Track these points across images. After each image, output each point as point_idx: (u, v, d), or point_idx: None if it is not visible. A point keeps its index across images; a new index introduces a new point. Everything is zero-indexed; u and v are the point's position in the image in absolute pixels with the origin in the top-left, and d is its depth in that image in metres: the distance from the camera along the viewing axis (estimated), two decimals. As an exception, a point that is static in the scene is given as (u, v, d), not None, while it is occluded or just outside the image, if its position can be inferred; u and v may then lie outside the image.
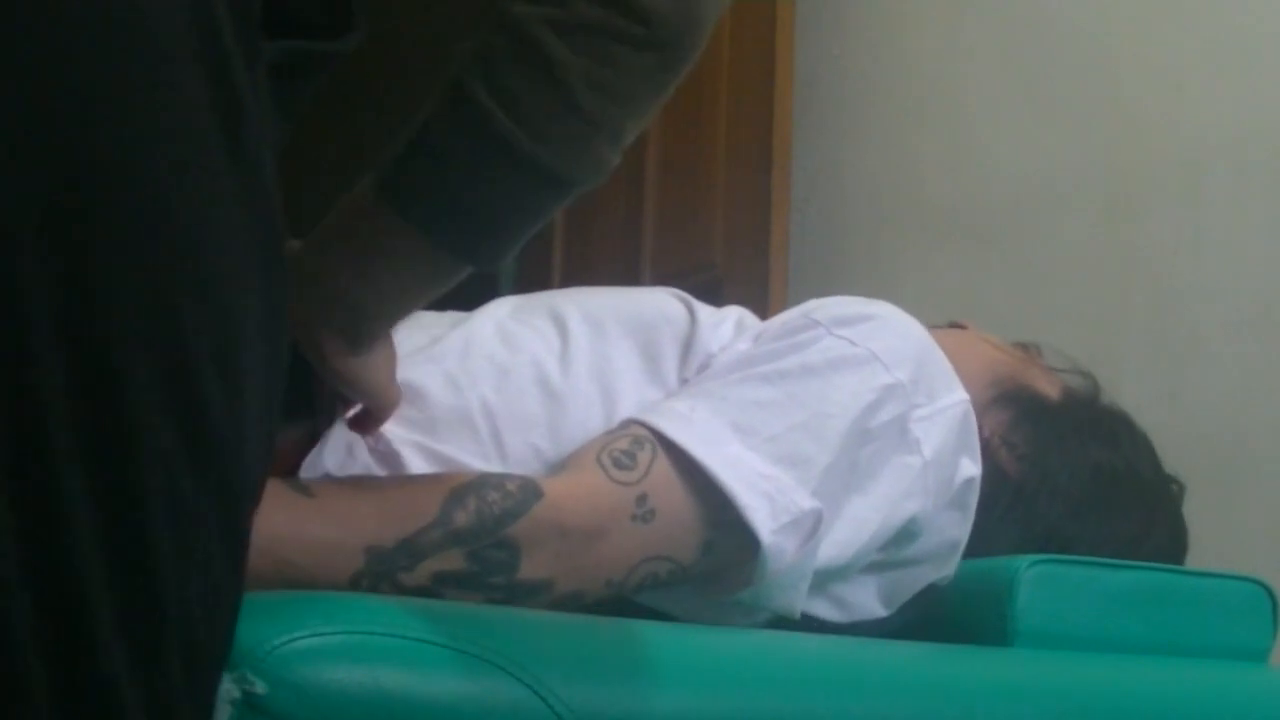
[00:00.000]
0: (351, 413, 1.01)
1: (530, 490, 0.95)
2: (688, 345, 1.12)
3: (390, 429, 1.02)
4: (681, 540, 0.99)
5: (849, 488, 1.05)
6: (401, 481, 0.97)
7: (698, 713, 0.91)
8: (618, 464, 0.98)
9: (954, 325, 1.35)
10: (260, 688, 0.75)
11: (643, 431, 1.00)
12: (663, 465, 0.98)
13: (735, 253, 2.40)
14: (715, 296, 2.39)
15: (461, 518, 0.92)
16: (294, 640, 0.78)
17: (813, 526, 1.00)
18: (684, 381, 1.11)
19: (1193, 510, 1.31)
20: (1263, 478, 1.73)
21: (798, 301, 2.29)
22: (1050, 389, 1.29)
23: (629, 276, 2.62)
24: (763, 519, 0.97)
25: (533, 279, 2.92)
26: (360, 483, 0.96)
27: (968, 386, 1.14)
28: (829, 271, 2.37)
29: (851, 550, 1.06)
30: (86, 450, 0.61)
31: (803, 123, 2.42)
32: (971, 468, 1.12)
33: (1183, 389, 1.81)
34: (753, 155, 2.40)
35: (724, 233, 2.43)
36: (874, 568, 1.10)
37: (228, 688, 0.75)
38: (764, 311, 2.36)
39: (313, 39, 0.74)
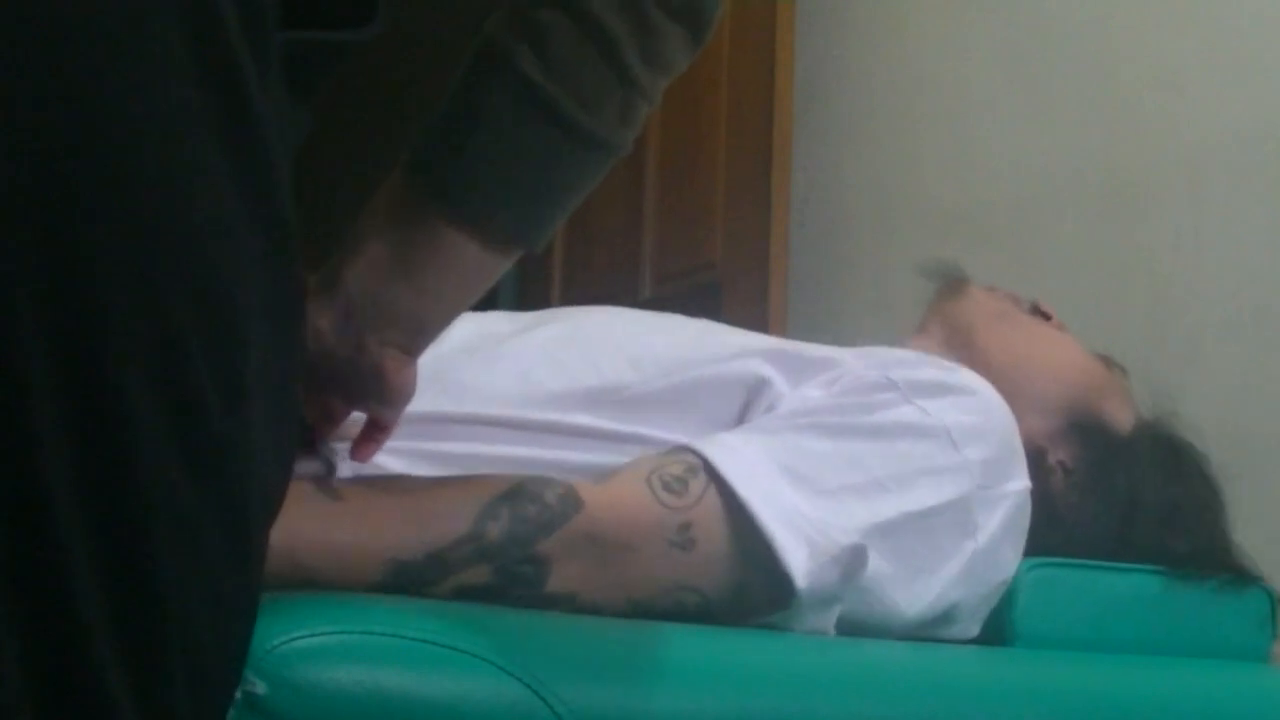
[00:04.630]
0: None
1: (570, 502, 0.93)
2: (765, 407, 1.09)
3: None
4: (716, 576, 0.98)
5: (902, 558, 1.02)
6: (434, 487, 0.93)
7: (698, 713, 0.91)
8: (667, 487, 0.97)
9: (1037, 311, 1.33)
10: (260, 688, 0.75)
11: (695, 460, 0.98)
12: (713, 498, 0.97)
13: (735, 253, 2.40)
14: (715, 296, 2.40)
15: (494, 532, 0.90)
16: (294, 640, 0.78)
17: (853, 562, 0.98)
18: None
19: (1192, 510, 1.31)
20: (1263, 478, 1.73)
21: (798, 302, 2.27)
22: (1123, 414, 1.26)
23: (629, 276, 2.62)
24: (799, 562, 0.96)
25: (532, 278, 2.92)
26: (391, 486, 0.93)
27: (1040, 406, 1.14)
28: (829, 271, 2.37)
29: (898, 624, 1.05)
30: (78, 462, 0.59)
31: (803, 123, 2.42)
32: (1010, 566, 1.09)
33: (1183, 389, 1.81)
34: (753, 155, 2.40)
35: (724, 233, 2.43)
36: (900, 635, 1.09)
37: (228, 688, 0.75)
38: (764, 311, 2.37)
39: (333, 29, 0.72)
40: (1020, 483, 1.09)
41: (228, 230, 0.63)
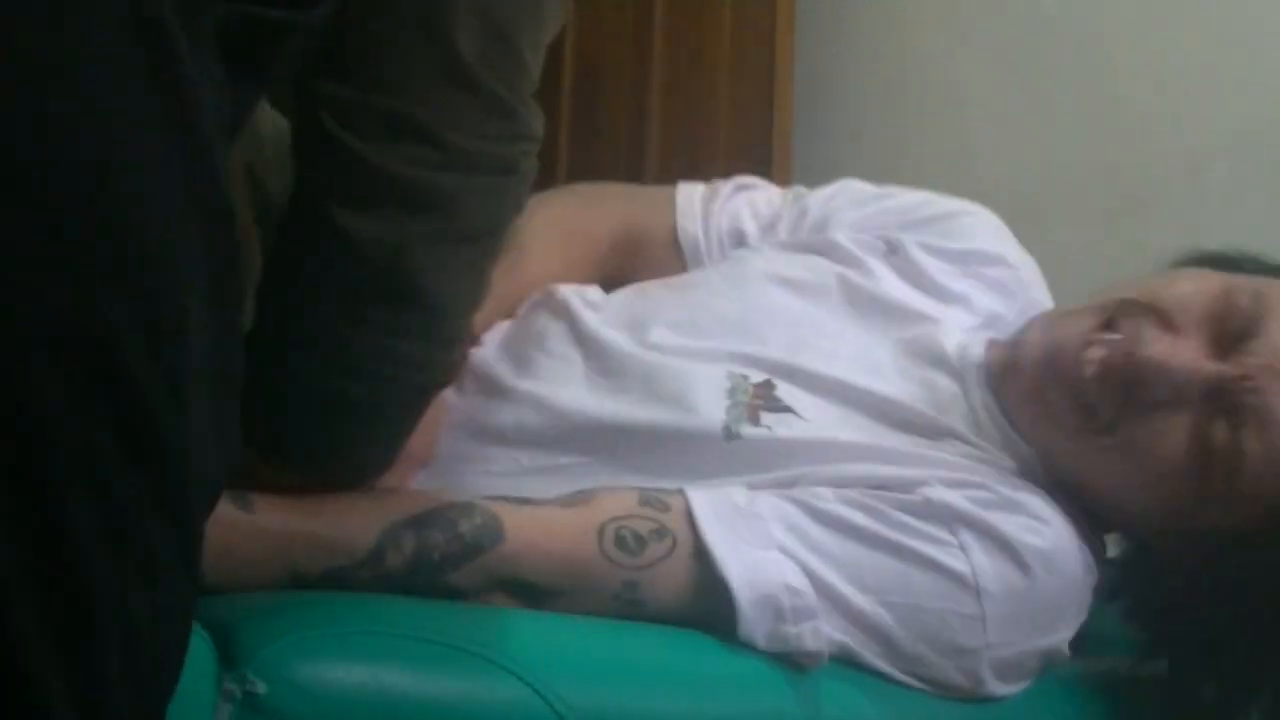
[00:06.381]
0: None
1: (488, 535, 0.90)
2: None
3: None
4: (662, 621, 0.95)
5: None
6: (344, 505, 0.90)
7: (698, 713, 0.91)
8: (620, 544, 0.93)
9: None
10: (260, 687, 0.75)
11: (674, 523, 0.94)
12: (676, 564, 0.93)
13: (735, 252, 2.40)
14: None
15: (394, 560, 0.88)
16: (294, 640, 0.78)
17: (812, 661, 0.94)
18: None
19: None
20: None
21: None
22: (1227, 514, 1.02)
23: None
24: (760, 637, 0.92)
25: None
26: (302, 502, 0.89)
27: (1136, 522, 1.05)
28: (829, 271, 2.37)
29: None
30: None
31: (803, 123, 2.42)
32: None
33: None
34: (753, 155, 2.40)
35: (724, 232, 2.43)
36: None
37: (228, 687, 0.75)
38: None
39: (274, 7, 0.69)
40: (1054, 638, 1.00)
41: (163, 216, 0.61)
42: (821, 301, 1.11)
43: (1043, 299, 1.25)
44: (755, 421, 1.01)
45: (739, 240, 1.21)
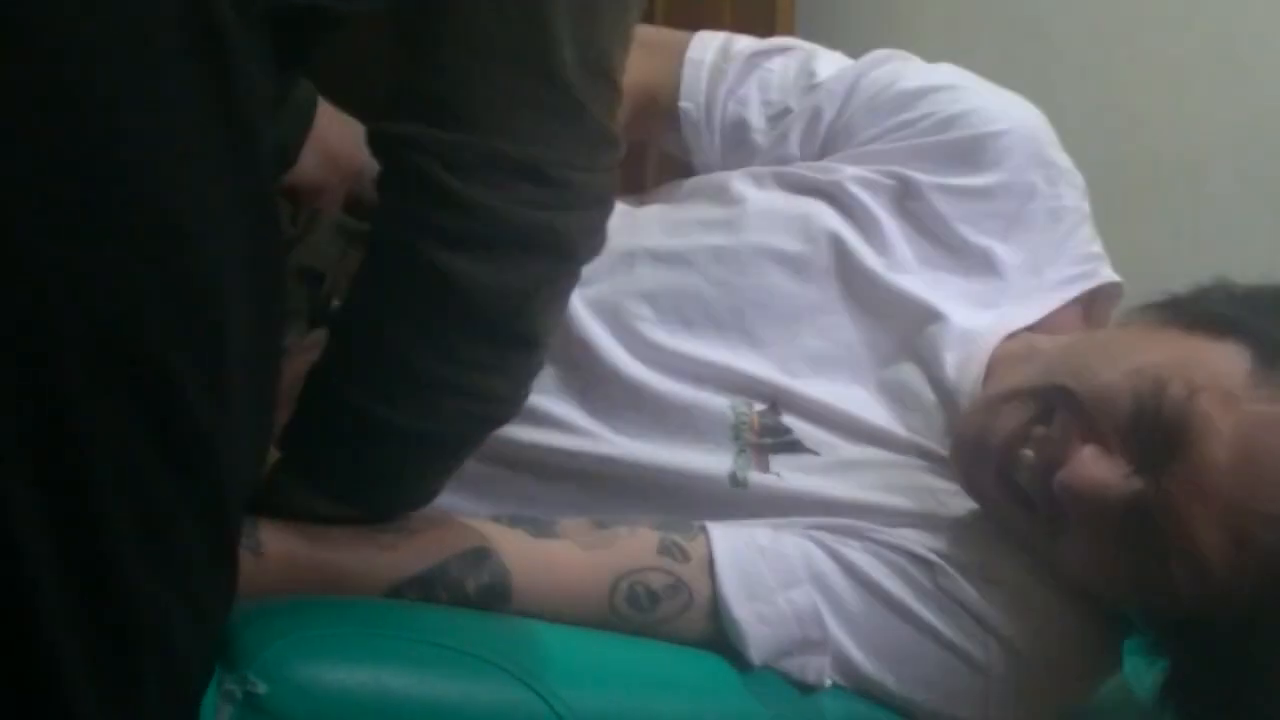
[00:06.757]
0: None
1: (495, 593, 0.89)
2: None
3: None
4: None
5: None
6: (351, 554, 0.87)
7: (699, 715, 0.91)
8: (633, 601, 0.92)
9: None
10: (260, 688, 0.75)
11: (690, 575, 0.93)
12: (689, 617, 0.93)
13: (736, 253, 2.39)
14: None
15: None
16: (294, 640, 0.78)
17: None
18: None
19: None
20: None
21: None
22: (1204, 608, 0.94)
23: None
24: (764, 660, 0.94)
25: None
26: (314, 543, 0.86)
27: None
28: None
29: None
30: (37, 470, 0.56)
31: (803, 123, 2.42)
32: None
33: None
34: (753, 155, 2.40)
35: (725, 233, 2.43)
36: None
37: (229, 688, 0.75)
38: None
39: None
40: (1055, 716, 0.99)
41: (210, 214, 0.60)
42: (819, 284, 1.05)
43: (1070, 225, 1.21)
44: (764, 467, 0.98)
45: (742, 134, 1.16)
